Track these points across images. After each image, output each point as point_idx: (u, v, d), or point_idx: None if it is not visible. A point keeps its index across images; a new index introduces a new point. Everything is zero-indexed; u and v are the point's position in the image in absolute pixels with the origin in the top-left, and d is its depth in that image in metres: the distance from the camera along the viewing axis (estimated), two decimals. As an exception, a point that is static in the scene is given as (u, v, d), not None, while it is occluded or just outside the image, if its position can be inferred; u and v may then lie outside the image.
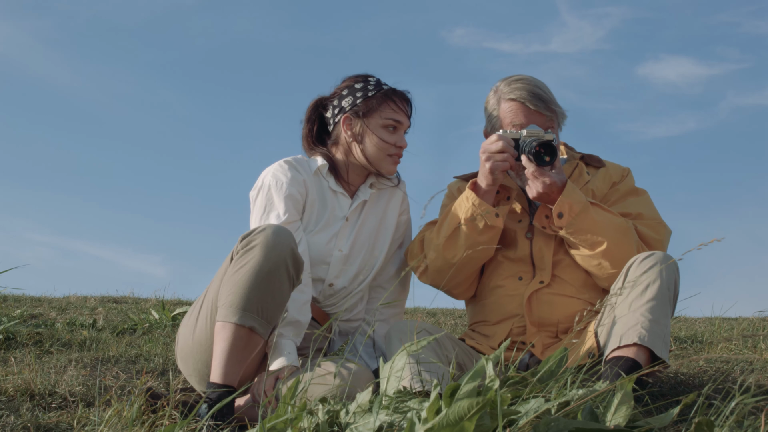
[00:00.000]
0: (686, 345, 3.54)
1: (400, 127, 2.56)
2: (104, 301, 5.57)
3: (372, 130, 2.54)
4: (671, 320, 2.17)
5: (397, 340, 2.23)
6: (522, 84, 2.50)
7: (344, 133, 2.59)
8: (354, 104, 2.56)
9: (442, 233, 2.44)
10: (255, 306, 2.11)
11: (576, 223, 2.30)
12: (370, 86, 2.58)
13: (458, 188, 2.69)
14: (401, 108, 2.56)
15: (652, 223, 2.42)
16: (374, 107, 2.54)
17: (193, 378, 2.36)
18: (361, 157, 2.57)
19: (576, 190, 2.34)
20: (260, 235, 2.17)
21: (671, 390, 2.50)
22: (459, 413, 1.30)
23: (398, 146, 2.56)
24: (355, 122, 2.57)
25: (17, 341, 3.42)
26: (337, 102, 2.61)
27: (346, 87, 2.61)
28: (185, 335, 2.36)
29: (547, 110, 2.46)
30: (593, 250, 2.31)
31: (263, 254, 2.13)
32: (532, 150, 2.33)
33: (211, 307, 2.26)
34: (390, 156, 2.56)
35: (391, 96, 2.56)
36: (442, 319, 5.06)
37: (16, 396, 2.37)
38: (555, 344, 2.36)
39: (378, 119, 2.54)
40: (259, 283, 2.12)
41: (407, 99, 2.60)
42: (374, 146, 2.54)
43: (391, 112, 2.55)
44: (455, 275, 2.47)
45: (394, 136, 2.55)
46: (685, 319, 4.89)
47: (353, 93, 2.58)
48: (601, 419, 1.40)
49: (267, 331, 2.16)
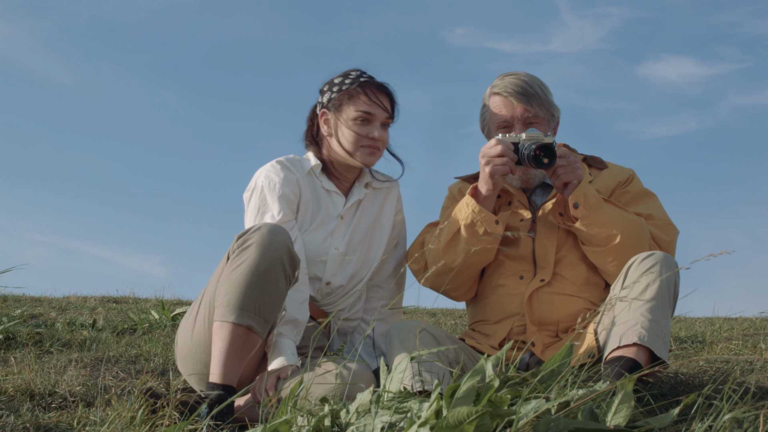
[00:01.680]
0: (686, 345, 3.54)
1: (372, 119, 2.51)
2: (104, 301, 5.57)
3: (343, 123, 2.52)
4: (671, 320, 2.17)
5: (398, 340, 2.22)
6: (511, 79, 2.52)
7: (323, 128, 2.59)
8: (330, 98, 2.56)
9: (442, 238, 2.43)
10: (252, 305, 2.11)
11: (590, 215, 2.31)
12: (347, 80, 2.55)
13: (459, 189, 2.69)
14: (374, 100, 2.50)
15: (662, 224, 2.43)
16: (346, 100, 2.52)
17: (193, 378, 2.36)
18: (338, 151, 2.55)
19: (590, 186, 2.36)
20: (256, 234, 2.16)
21: (671, 390, 2.50)
22: (459, 418, 1.30)
23: (370, 138, 2.50)
24: (330, 116, 2.56)
25: (17, 341, 3.42)
26: (320, 98, 2.62)
27: (328, 83, 2.60)
28: (184, 336, 2.36)
29: (529, 105, 2.46)
30: (607, 244, 2.32)
31: (259, 253, 2.12)
32: (532, 153, 2.32)
33: (208, 307, 2.25)
34: (363, 147, 2.51)
35: (364, 88, 2.51)
36: (442, 319, 5.06)
37: (16, 396, 2.37)
38: (555, 343, 2.36)
39: (349, 112, 2.51)
40: (255, 281, 2.11)
41: (384, 91, 2.54)
42: (346, 139, 2.52)
43: (363, 104, 2.50)
44: (455, 278, 2.47)
45: (366, 128, 2.50)
46: (685, 319, 4.89)
47: (332, 88, 2.57)
48: (602, 419, 1.40)
49: (265, 330, 2.15)
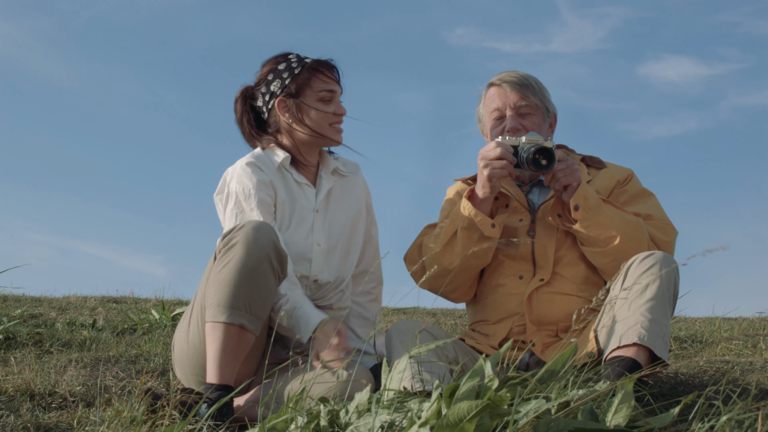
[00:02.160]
0: (686, 345, 3.54)
1: (334, 96, 2.53)
2: (104, 301, 5.56)
3: (309, 105, 2.50)
4: (671, 320, 2.17)
5: (398, 340, 2.23)
6: (506, 73, 2.55)
7: (281, 117, 2.53)
8: (284, 86, 2.51)
9: (440, 241, 2.44)
10: (242, 303, 2.11)
11: (590, 217, 2.31)
12: (293, 64, 2.53)
13: (457, 191, 2.68)
14: (330, 77, 2.53)
15: (660, 225, 2.43)
16: (304, 83, 2.50)
17: (192, 382, 2.35)
18: (305, 135, 2.52)
19: (589, 187, 2.36)
20: (240, 233, 2.15)
21: (671, 390, 2.50)
22: (459, 415, 1.30)
23: (337, 114, 2.53)
24: (289, 103, 2.51)
25: (17, 341, 3.42)
26: (265, 89, 2.54)
27: (270, 71, 2.55)
28: (180, 341, 2.36)
29: (523, 94, 2.48)
30: (606, 245, 2.32)
31: (245, 250, 2.12)
32: (530, 156, 2.32)
33: (200, 310, 2.24)
34: (332, 125, 2.53)
35: (317, 68, 2.52)
36: (442, 319, 5.06)
37: (16, 396, 2.37)
38: (555, 343, 2.36)
39: (311, 94, 2.50)
40: (244, 279, 2.11)
41: (333, 66, 2.56)
42: (314, 121, 2.50)
43: (322, 84, 2.51)
44: (453, 281, 2.47)
45: (331, 105, 2.52)
46: (685, 319, 4.89)
47: (279, 75, 2.52)
48: (602, 419, 1.40)
49: (257, 327, 2.15)
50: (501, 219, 2.43)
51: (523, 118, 2.51)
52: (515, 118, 2.50)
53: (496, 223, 2.39)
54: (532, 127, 2.51)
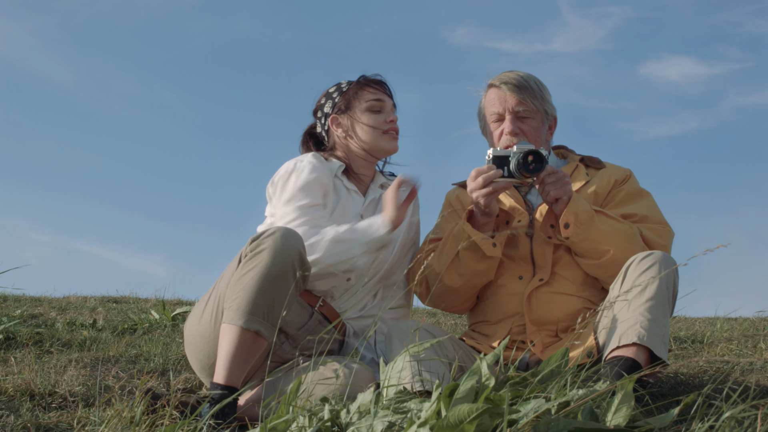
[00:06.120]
0: (686, 345, 3.54)
1: (383, 106, 2.63)
2: (104, 301, 5.57)
3: (358, 118, 2.61)
4: (671, 320, 2.17)
5: (398, 340, 2.23)
6: (505, 73, 2.54)
7: (335, 132, 2.66)
8: (334, 104, 2.66)
9: (442, 262, 2.44)
10: (261, 310, 2.15)
11: (581, 232, 2.31)
12: (343, 85, 2.69)
13: (456, 196, 2.68)
14: (377, 89, 2.65)
15: (657, 227, 2.43)
16: (352, 97, 2.63)
17: (195, 365, 2.41)
18: (359, 147, 2.64)
19: (581, 199, 2.34)
20: (269, 239, 2.20)
21: (671, 390, 2.50)
22: (459, 416, 1.30)
23: (389, 121, 2.62)
24: (341, 118, 2.65)
25: (17, 341, 3.42)
26: (320, 113, 2.71)
27: (323, 97, 2.72)
28: (192, 323, 2.41)
29: (522, 97, 2.48)
30: (599, 258, 2.32)
31: (271, 258, 2.16)
32: (520, 160, 2.31)
33: (217, 303, 2.30)
34: (385, 133, 2.62)
35: (364, 82, 2.65)
36: (443, 319, 5.06)
37: (16, 396, 2.37)
38: (555, 343, 2.36)
39: (360, 106, 2.62)
40: (266, 287, 2.15)
41: (381, 81, 2.68)
42: (366, 132, 2.61)
43: (370, 95, 2.63)
44: (457, 298, 2.51)
45: (381, 115, 2.62)
46: (685, 319, 4.89)
47: (330, 97, 2.69)
48: (602, 419, 1.40)
49: (272, 334, 2.18)
50: (502, 237, 2.43)
51: (522, 121, 2.51)
52: (513, 121, 2.50)
53: (497, 242, 2.40)
54: (530, 131, 2.50)
